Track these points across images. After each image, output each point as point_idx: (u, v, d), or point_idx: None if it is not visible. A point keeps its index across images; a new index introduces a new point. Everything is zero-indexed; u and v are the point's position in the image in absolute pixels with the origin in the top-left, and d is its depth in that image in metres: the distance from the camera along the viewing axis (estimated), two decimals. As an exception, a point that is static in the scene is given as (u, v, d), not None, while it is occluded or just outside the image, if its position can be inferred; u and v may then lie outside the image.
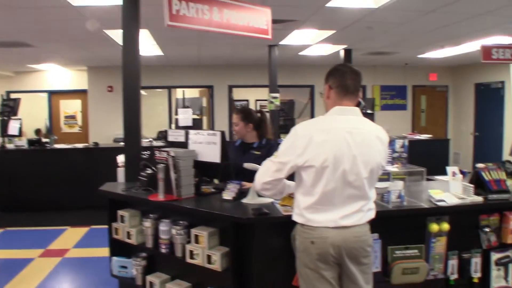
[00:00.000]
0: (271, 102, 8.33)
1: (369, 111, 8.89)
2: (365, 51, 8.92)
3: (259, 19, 4.36)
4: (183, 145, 3.41)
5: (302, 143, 2.27)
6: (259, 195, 2.95)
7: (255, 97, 13.34)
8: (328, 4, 5.16)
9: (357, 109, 2.40)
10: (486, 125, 11.04)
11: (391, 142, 2.86)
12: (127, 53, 4.09)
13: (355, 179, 2.27)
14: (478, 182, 3.04)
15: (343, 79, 2.38)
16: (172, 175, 3.07)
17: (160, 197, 3.11)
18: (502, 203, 2.98)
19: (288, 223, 2.45)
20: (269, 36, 4.47)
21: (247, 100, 13.91)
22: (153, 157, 3.27)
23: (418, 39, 7.53)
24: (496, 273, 3.09)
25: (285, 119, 9.09)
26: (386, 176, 2.75)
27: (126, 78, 4.11)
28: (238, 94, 12.78)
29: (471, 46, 7.95)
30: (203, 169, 3.28)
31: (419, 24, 6.16)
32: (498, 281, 3.10)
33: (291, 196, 2.61)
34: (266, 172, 2.41)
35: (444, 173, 3.33)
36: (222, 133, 3.19)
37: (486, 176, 3.01)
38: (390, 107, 12.06)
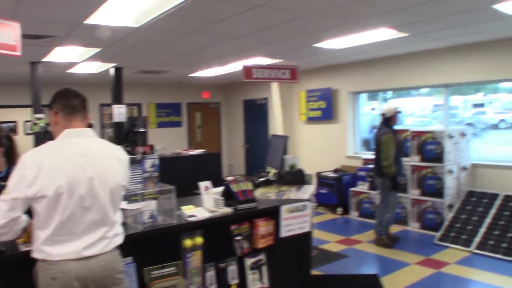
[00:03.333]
0: (35, 124, 7.63)
1: (141, 130, 8.87)
2: (136, 69, 8.87)
3: (6, 34, 3.96)
4: None
5: (30, 173, 2.07)
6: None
7: (25, 118, 12.18)
8: (87, 21, 4.95)
9: (90, 130, 2.33)
10: (255, 137, 12.08)
11: (141, 162, 2.86)
12: None
13: (93, 203, 2.17)
14: (229, 194, 3.25)
15: (68, 101, 2.30)
16: None
17: None
18: (250, 211, 3.24)
19: (31, 260, 2.21)
20: (18, 53, 4.09)
21: (15, 122, 12.67)
22: None
23: (186, 59, 7.76)
24: (251, 276, 3.34)
25: (53, 141, 8.38)
26: (138, 197, 2.72)
27: None
28: (3, 115, 11.49)
29: (236, 66, 8.48)
30: None
31: (183, 44, 6.35)
32: (254, 284, 3.36)
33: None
34: None
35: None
36: None
37: (234, 188, 3.24)
38: (167, 124, 12.25)
